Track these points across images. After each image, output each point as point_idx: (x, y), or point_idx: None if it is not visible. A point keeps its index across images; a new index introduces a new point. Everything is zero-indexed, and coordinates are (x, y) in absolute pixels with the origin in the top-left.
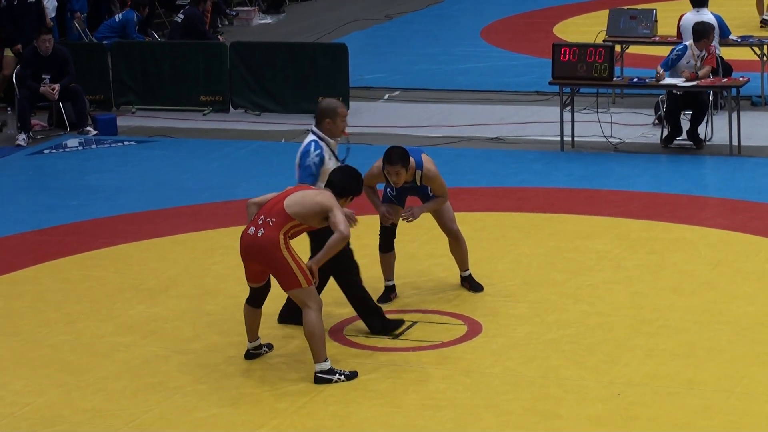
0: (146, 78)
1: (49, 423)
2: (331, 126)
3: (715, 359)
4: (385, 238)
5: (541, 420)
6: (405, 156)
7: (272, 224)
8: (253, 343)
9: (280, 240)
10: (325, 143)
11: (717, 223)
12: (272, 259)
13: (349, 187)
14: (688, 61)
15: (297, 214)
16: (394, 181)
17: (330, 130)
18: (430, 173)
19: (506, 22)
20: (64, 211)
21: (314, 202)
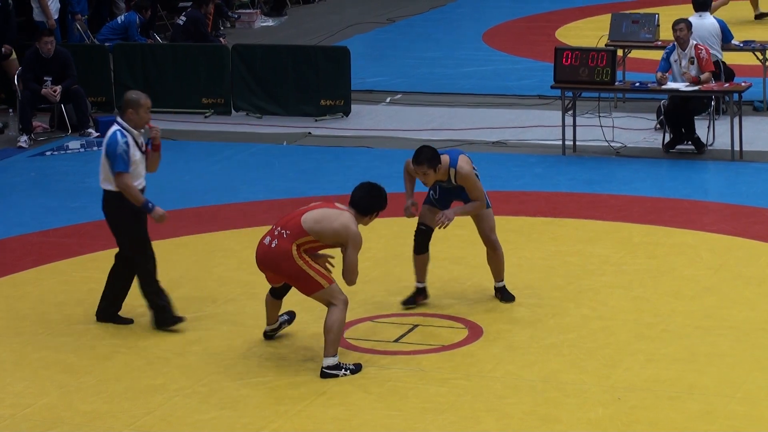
0: (148, 80)
1: (50, 425)
2: (134, 116)
3: (716, 364)
4: (420, 240)
5: (541, 424)
6: (431, 156)
7: (286, 236)
8: (271, 326)
9: (292, 250)
10: (129, 133)
11: (718, 227)
12: (287, 269)
13: (370, 205)
14: (675, 59)
15: (311, 231)
16: (423, 181)
17: (133, 120)
18: (463, 171)
19: (508, 26)
20: (66, 213)
21: (332, 228)
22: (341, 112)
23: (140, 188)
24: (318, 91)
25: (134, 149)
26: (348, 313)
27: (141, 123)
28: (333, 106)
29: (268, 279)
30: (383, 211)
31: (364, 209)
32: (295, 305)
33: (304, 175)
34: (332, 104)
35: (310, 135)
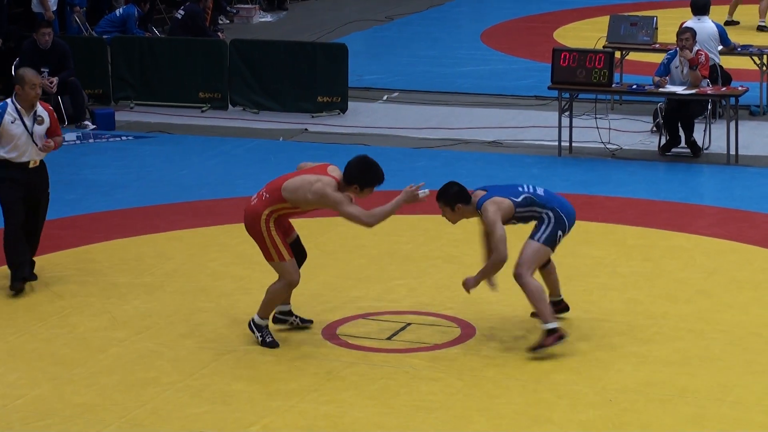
0: (145, 73)
1: (42, 416)
2: (21, 92)
3: (708, 368)
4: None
5: (532, 424)
6: (451, 194)
7: (264, 199)
8: (283, 306)
9: (262, 215)
10: (14, 106)
11: (713, 231)
12: (252, 231)
13: (354, 175)
14: (676, 66)
15: (289, 199)
16: (447, 219)
17: (20, 95)
18: (485, 214)
19: (507, 26)
20: (61, 205)
21: (305, 198)
22: (338, 109)
23: (20, 161)
24: (315, 88)
25: (11, 123)
26: (341, 311)
27: (27, 99)
28: (330, 103)
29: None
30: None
31: (347, 179)
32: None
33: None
34: (329, 101)
35: (306, 131)
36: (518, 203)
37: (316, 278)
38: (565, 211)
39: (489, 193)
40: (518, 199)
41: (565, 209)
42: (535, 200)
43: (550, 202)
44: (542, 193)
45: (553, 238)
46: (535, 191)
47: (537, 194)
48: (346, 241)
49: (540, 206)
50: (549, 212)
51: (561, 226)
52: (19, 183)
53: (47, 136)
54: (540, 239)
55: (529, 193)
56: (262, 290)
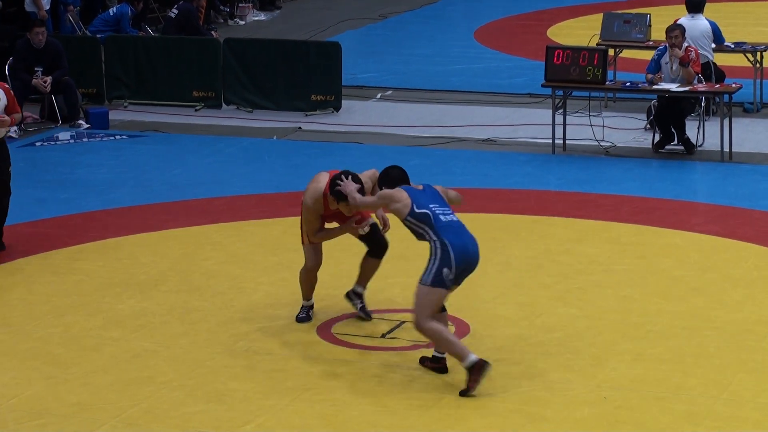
0: (139, 72)
1: (36, 415)
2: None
3: (702, 365)
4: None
5: (527, 422)
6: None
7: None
8: (358, 287)
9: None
10: None
11: (707, 228)
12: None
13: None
14: (666, 62)
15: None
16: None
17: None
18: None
19: (500, 24)
20: (55, 204)
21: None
22: (332, 108)
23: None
24: (309, 86)
25: None
26: (335, 309)
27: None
28: (324, 102)
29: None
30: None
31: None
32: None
33: (294, 169)
34: (323, 99)
35: (300, 130)
36: (414, 212)
37: None
38: (457, 247)
39: (417, 190)
40: (418, 210)
41: (459, 246)
42: (432, 223)
43: (445, 234)
44: (446, 221)
45: (440, 278)
46: (441, 217)
47: (439, 219)
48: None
49: (433, 231)
50: (437, 242)
51: (446, 263)
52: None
53: (6, 113)
54: (426, 281)
55: (433, 213)
56: (257, 289)
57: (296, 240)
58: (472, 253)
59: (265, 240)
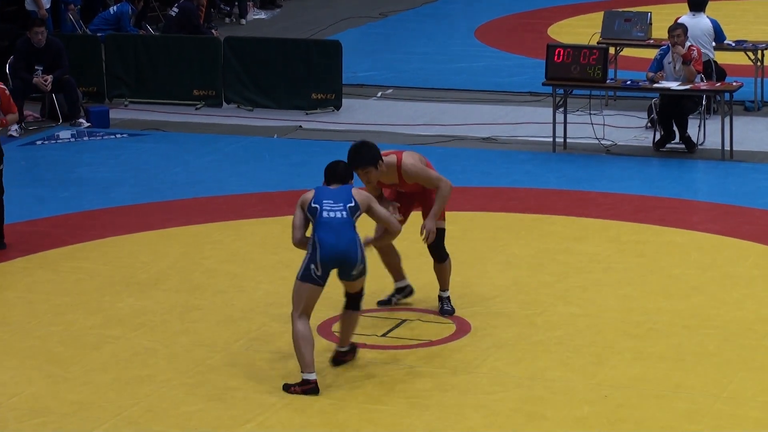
0: (139, 71)
1: (36, 414)
2: None
3: (702, 364)
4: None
5: (527, 421)
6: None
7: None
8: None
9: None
10: None
11: (707, 227)
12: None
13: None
14: (669, 61)
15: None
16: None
17: None
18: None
19: (500, 22)
20: (55, 202)
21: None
22: (332, 106)
23: None
24: (309, 85)
25: None
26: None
27: None
28: (324, 100)
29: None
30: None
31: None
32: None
33: (294, 168)
34: (323, 98)
35: (300, 128)
36: (309, 207)
37: None
38: (326, 245)
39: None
40: (312, 204)
41: (328, 244)
42: (315, 218)
43: (319, 230)
44: (327, 218)
45: (308, 273)
46: (324, 213)
47: (321, 215)
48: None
49: (313, 226)
50: (312, 238)
51: (313, 260)
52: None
53: (4, 111)
54: (298, 275)
55: (321, 209)
56: (257, 287)
57: None
58: (342, 252)
59: (265, 239)
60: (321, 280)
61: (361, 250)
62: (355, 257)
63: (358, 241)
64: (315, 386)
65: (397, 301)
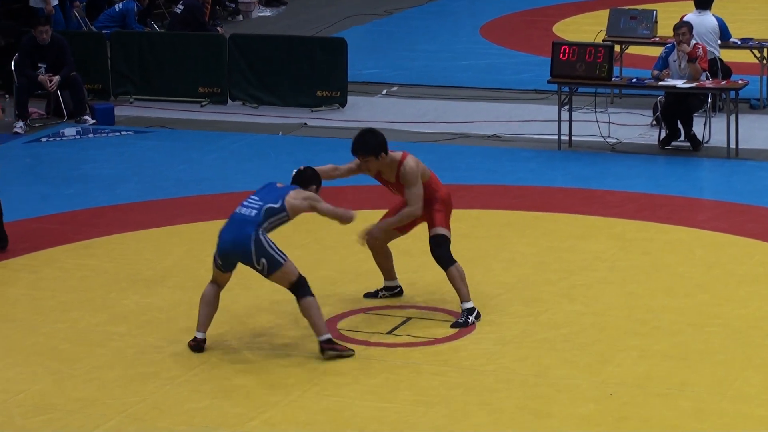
0: (145, 68)
1: (42, 411)
2: None
3: (707, 362)
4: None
5: (533, 419)
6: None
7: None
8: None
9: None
10: None
11: (713, 225)
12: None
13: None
14: (674, 59)
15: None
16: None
17: None
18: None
19: (506, 20)
20: (60, 199)
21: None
22: (337, 104)
23: None
24: (314, 82)
25: None
26: (341, 305)
27: None
28: (329, 98)
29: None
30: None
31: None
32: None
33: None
34: (328, 95)
35: (305, 126)
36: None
37: (316, 273)
38: (219, 238)
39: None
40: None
41: (220, 238)
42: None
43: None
44: (234, 212)
45: (214, 258)
46: (237, 208)
47: (235, 210)
48: (345, 236)
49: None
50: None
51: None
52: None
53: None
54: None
55: (240, 204)
56: (262, 285)
57: (302, 236)
58: (230, 247)
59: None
60: (222, 268)
61: (257, 247)
62: (245, 253)
63: (254, 238)
64: (196, 345)
65: (383, 296)
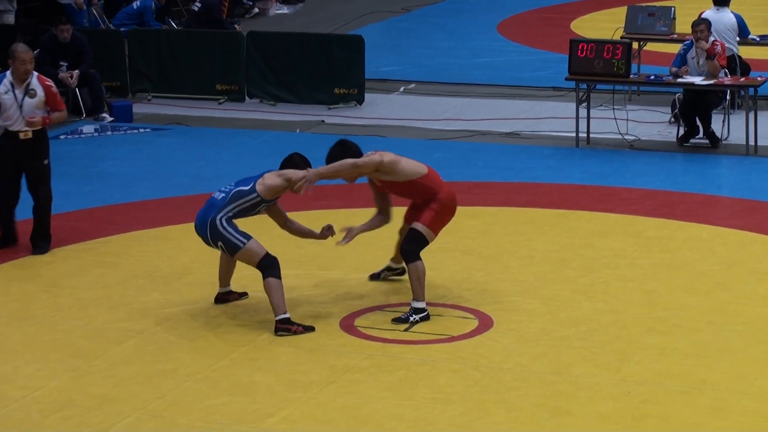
0: (162, 66)
1: (60, 407)
2: (12, 66)
3: (728, 360)
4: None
5: (551, 416)
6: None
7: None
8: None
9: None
10: (8, 79)
11: (732, 222)
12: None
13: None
14: (693, 57)
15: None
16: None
17: (12, 69)
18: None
19: (523, 17)
20: (79, 197)
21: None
22: (355, 101)
23: (12, 130)
24: (332, 80)
25: (4, 94)
26: (358, 302)
27: (17, 72)
28: (347, 95)
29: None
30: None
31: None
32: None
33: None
34: (346, 93)
35: (323, 123)
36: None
37: (335, 270)
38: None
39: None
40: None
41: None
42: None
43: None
44: (212, 195)
45: None
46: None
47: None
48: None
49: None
50: None
51: None
52: (8, 152)
53: (50, 109)
54: None
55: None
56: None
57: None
58: (196, 227)
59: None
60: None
61: (212, 231)
62: (203, 236)
63: (210, 223)
64: (217, 298)
65: (385, 277)
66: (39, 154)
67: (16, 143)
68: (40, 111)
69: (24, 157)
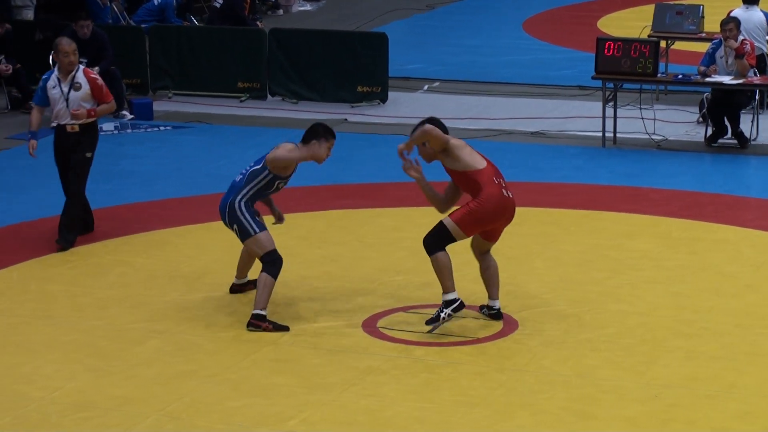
0: (183, 63)
1: (80, 408)
2: (57, 60)
3: (756, 363)
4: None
5: (576, 420)
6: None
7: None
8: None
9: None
10: (56, 74)
11: (760, 224)
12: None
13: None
14: (721, 56)
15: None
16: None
17: (57, 63)
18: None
19: (549, 15)
20: (99, 195)
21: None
22: (378, 99)
23: (60, 124)
24: (355, 78)
25: (52, 88)
26: (381, 304)
27: (62, 66)
28: (370, 93)
29: (488, 235)
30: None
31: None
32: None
33: (339, 161)
34: (369, 91)
35: (346, 121)
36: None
37: (357, 271)
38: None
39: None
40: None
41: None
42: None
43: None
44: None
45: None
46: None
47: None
48: (386, 234)
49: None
50: None
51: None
52: (59, 145)
53: (96, 101)
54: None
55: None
56: (301, 282)
57: (341, 233)
58: (219, 210)
59: (309, 233)
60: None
61: (230, 213)
62: (223, 217)
63: (229, 204)
64: (232, 288)
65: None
66: (83, 146)
67: (66, 136)
68: (88, 104)
69: (69, 150)
